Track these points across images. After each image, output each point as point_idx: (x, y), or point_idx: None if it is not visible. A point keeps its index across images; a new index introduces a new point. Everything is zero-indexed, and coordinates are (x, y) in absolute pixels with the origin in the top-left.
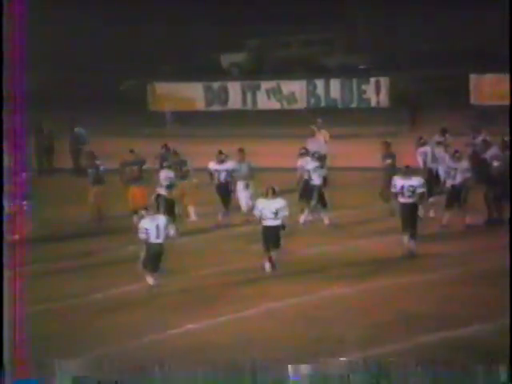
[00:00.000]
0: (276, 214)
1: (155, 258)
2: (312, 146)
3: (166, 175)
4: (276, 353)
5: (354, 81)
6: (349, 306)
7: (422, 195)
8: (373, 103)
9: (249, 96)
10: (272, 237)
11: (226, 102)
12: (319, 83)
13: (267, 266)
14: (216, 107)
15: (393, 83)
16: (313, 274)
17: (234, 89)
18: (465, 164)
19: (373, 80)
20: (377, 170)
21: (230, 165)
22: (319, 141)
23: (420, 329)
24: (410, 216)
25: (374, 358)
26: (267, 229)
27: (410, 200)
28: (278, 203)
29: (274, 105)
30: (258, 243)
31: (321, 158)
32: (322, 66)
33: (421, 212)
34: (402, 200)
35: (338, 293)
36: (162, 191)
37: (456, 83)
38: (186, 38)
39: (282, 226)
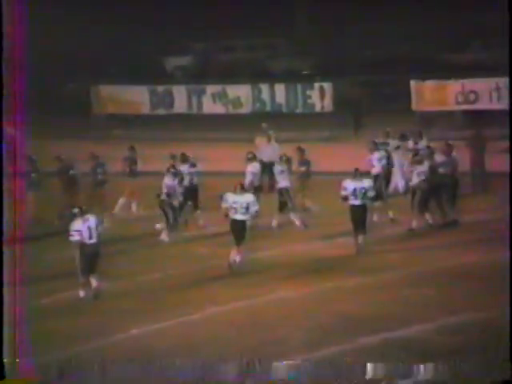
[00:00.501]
0: (247, 208)
1: (91, 258)
2: (265, 150)
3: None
4: (221, 356)
5: (299, 86)
6: (293, 309)
7: (372, 197)
8: (317, 108)
9: (194, 100)
10: (240, 231)
11: (171, 105)
12: (264, 88)
13: (237, 258)
14: (161, 111)
15: (336, 88)
16: (259, 276)
17: (180, 93)
18: (422, 167)
19: (317, 85)
20: (326, 174)
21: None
22: (272, 145)
23: (362, 330)
24: (361, 217)
25: (318, 360)
26: (236, 223)
27: (362, 202)
28: (248, 198)
29: (219, 109)
30: (205, 246)
31: (289, 161)
32: (267, 70)
33: (373, 215)
34: (353, 202)
35: (283, 296)
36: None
37: (398, 89)
38: (131, 40)
39: None
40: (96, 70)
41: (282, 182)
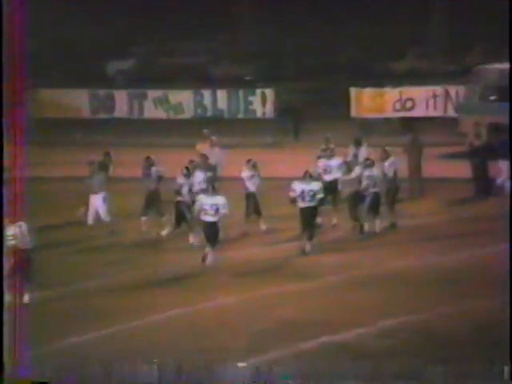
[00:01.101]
0: (217, 210)
1: (25, 264)
2: (209, 156)
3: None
4: (161, 364)
5: (241, 92)
6: (233, 315)
7: (321, 200)
8: (259, 114)
9: (135, 104)
10: (211, 232)
11: (112, 110)
12: (206, 93)
13: (209, 259)
14: (102, 115)
15: (278, 95)
16: (199, 282)
17: (121, 97)
18: (370, 172)
19: (259, 91)
20: (269, 179)
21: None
22: (215, 151)
23: (302, 335)
24: (310, 219)
25: (257, 366)
26: (207, 224)
27: (310, 204)
28: (219, 200)
29: (160, 114)
30: (145, 254)
31: (255, 167)
32: (209, 76)
33: (319, 219)
34: (302, 205)
35: (223, 302)
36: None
37: (338, 96)
38: (71, 43)
39: None
40: (35, 72)
41: (251, 186)
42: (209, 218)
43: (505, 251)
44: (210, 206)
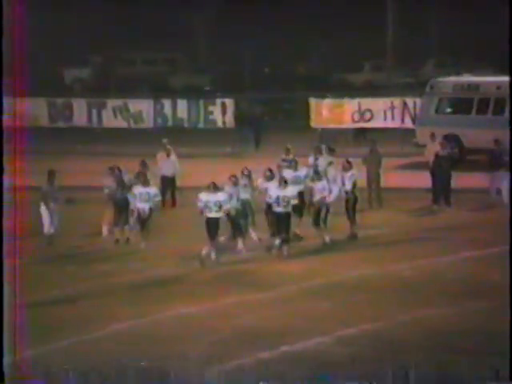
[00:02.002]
0: (220, 206)
1: None
2: (165, 166)
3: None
4: (122, 373)
5: (201, 102)
6: (193, 325)
7: (295, 206)
8: (219, 123)
9: (94, 113)
10: (214, 228)
11: (70, 118)
12: (166, 103)
13: (213, 254)
14: (60, 124)
15: (238, 104)
16: (159, 292)
17: (79, 106)
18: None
19: (219, 101)
20: None
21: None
22: (172, 161)
23: (262, 345)
24: (285, 223)
25: (217, 375)
26: (210, 220)
27: (285, 210)
28: (222, 196)
29: (120, 123)
30: (97, 264)
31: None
32: (168, 85)
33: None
34: (277, 210)
35: (183, 312)
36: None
37: (298, 106)
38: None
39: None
40: None
41: (244, 194)
42: (212, 214)
43: (460, 260)
44: (213, 202)
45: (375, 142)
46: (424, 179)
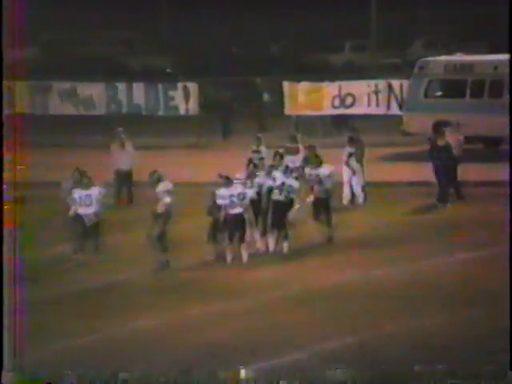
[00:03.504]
0: (243, 199)
1: None
2: (120, 158)
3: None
4: None
5: (160, 86)
6: (154, 339)
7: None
8: (181, 111)
9: (39, 98)
10: (242, 226)
11: (10, 104)
12: (121, 87)
13: (229, 257)
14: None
15: (202, 89)
16: (118, 304)
17: (21, 89)
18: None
19: (180, 85)
20: (193, 185)
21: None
22: (128, 153)
23: (230, 361)
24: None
25: None
26: (236, 217)
27: (286, 199)
28: (242, 188)
29: (68, 109)
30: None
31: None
32: (124, 67)
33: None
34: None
35: (143, 324)
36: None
37: (270, 91)
38: None
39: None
40: None
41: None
42: (235, 211)
43: (451, 264)
44: (235, 197)
45: (357, 130)
46: (413, 172)
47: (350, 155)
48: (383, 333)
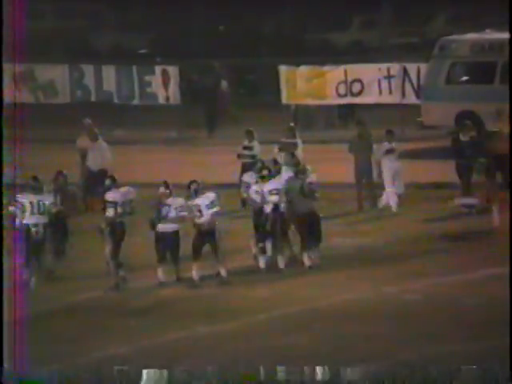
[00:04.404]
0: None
1: None
2: (91, 155)
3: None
4: None
5: (134, 69)
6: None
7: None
8: (160, 99)
9: None
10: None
11: None
12: (87, 70)
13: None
14: None
15: (185, 74)
16: (76, 326)
17: None
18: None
19: (159, 69)
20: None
21: None
22: (100, 149)
23: None
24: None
25: None
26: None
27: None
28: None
29: (25, 97)
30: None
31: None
32: (90, 46)
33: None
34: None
35: (111, 353)
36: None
37: (264, 76)
38: None
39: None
40: None
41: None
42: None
43: (479, 279)
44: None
45: (365, 122)
46: (431, 171)
47: (388, 152)
48: (397, 361)
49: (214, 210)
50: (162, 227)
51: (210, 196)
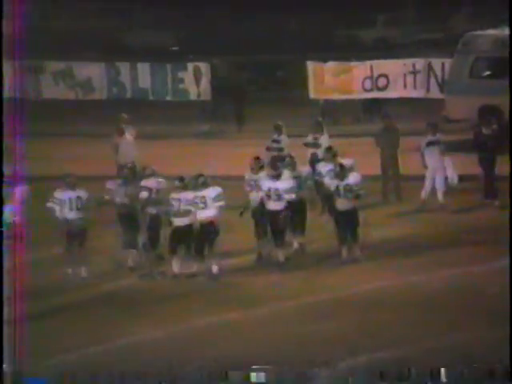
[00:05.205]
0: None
1: None
2: (119, 150)
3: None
4: None
5: (168, 66)
6: (159, 353)
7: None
8: (192, 95)
9: (30, 81)
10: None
11: None
12: (123, 67)
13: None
14: None
15: (216, 70)
16: (113, 312)
17: (7, 70)
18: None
19: (191, 66)
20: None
21: None
22: (128, 141)
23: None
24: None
25: None
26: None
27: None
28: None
29: (65, 93)
30: None
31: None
32: (126, 44)
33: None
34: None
35: (146, 337)
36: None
37: (292, 72)
38: None
39: None
40: None
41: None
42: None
43: (502, 269)
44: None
45: (391, 116)
46: (457, 163)
47: (429, 144)
48: (421, 348)
49: (220, 203)
50: (175, 220)
51: (217, 190)
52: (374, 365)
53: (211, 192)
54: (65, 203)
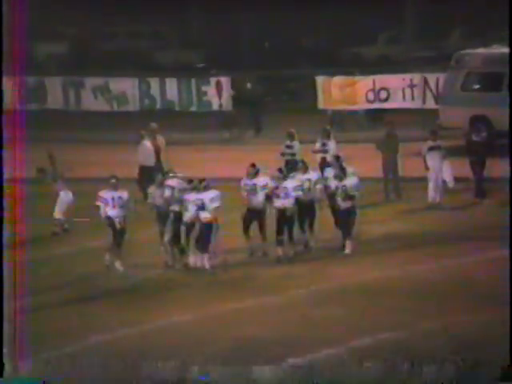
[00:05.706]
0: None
1: None
2: (141, 154)
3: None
4: None
5: (193, 81)
6: (188, 334)
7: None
8: (214, 106)
9: (71, 94)
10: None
11: (44, 100)
12: (153, 82)
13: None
14: (32, 106)
15: (235, 84)
16: (150, 298)
17: (53, 85)
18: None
19: (213, 80)
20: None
21: None
22: (146, 147)
23: (265, 357)
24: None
25: None
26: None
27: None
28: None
29: (102, 106)
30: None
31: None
32: (156, 62)
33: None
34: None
35: (177, 320)
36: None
37: (303, 85)
38: None
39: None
40: None
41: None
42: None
43: (496, 259)
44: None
45: (393, 123)
46: (450, 167)
47: (431, 149)
48: (420, 330)
49: (216, 205)
50: (186, 217)
51: (215, 193)
52: (376, 345)
53: (209, 194)
54: (108, 202)
